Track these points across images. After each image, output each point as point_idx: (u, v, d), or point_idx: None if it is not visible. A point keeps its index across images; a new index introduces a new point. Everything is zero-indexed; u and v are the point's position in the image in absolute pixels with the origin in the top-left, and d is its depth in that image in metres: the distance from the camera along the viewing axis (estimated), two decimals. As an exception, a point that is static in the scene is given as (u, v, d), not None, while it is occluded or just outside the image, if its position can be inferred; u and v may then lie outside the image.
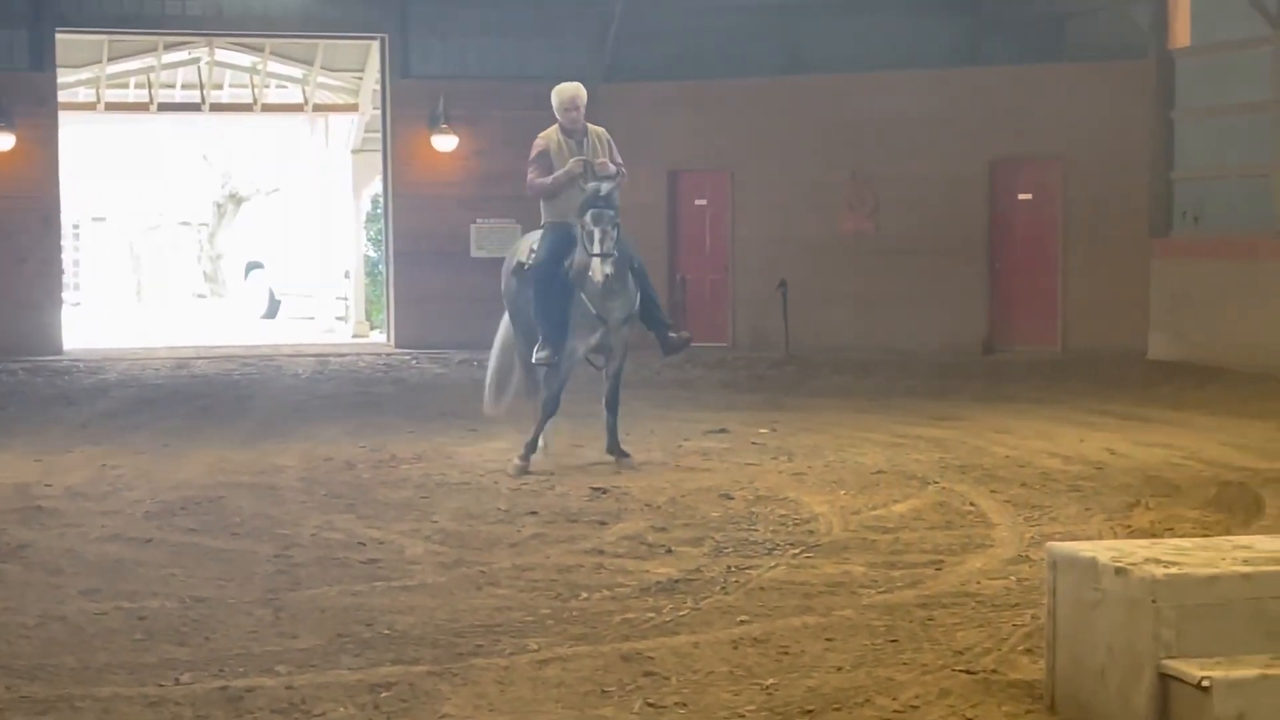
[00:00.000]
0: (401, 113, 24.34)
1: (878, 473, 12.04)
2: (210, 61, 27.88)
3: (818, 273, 23.29)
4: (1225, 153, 21.29)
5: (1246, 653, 5.33)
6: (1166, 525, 9.88)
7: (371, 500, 10.94)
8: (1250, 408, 16.13)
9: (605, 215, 11.90)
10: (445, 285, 24.09)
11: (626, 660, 6.78)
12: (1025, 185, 23.07)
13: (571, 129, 12.63)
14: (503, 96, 24.29)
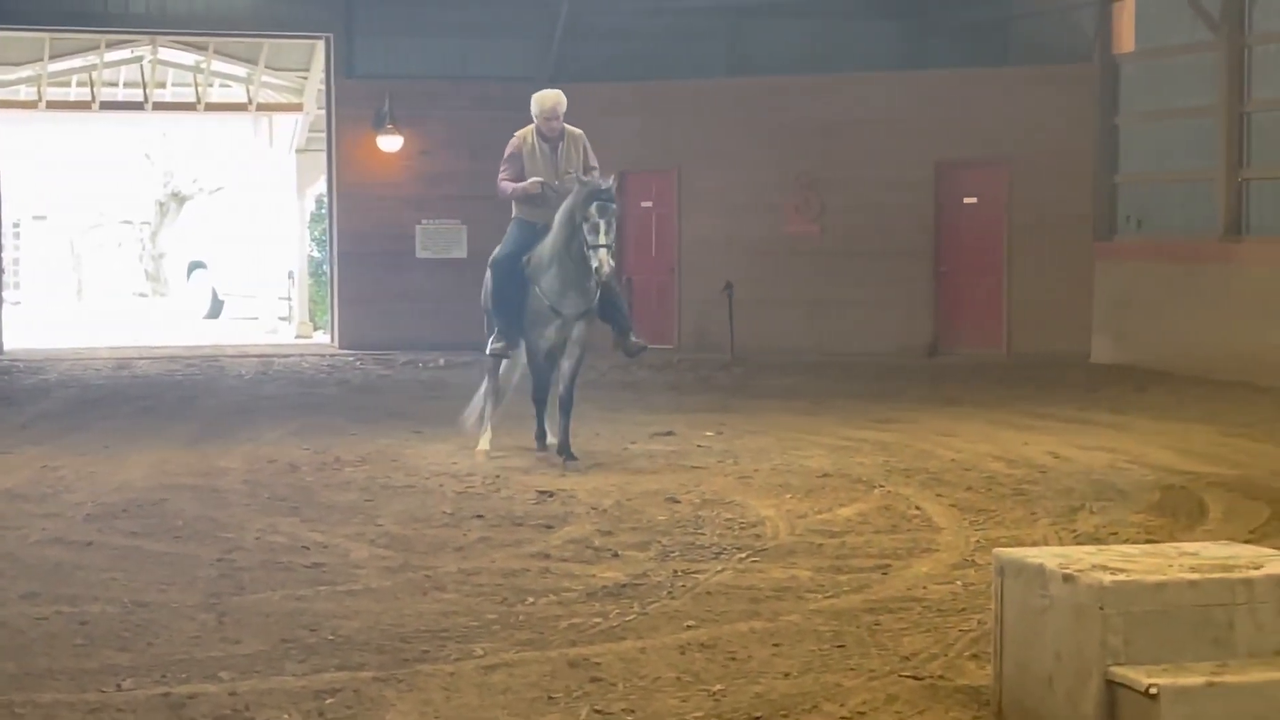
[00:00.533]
0: (346, 112, 24.24)
1: (823, 476, 12.04)
2: (153, 60, 27.69)
3: (764, 275, 23.33)
4: (1168, 157, 21.43)
5: (1193, 660, 5.34)
6: (1111, 530, 9.92)
7: (315, 503, 10.87)
8: (1192, 411, 16.23)
9: (608, 209, 12.02)
10: (390, 286, 24.03)
11: (573, 666, 6.74)
12: (970, 189, 23.16)
13: (548, 134, 12.59)
14: (448, 97, 24.27)
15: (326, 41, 24.60)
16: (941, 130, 22.85)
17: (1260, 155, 19.91)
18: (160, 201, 40.71)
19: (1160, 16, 21.29)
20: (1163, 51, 21.38)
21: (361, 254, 24.24)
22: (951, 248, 23.20)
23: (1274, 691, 5.20)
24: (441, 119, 24.25)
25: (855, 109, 23.28)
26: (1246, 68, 19.99)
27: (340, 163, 24.36)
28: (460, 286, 24.17)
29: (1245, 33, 19.95)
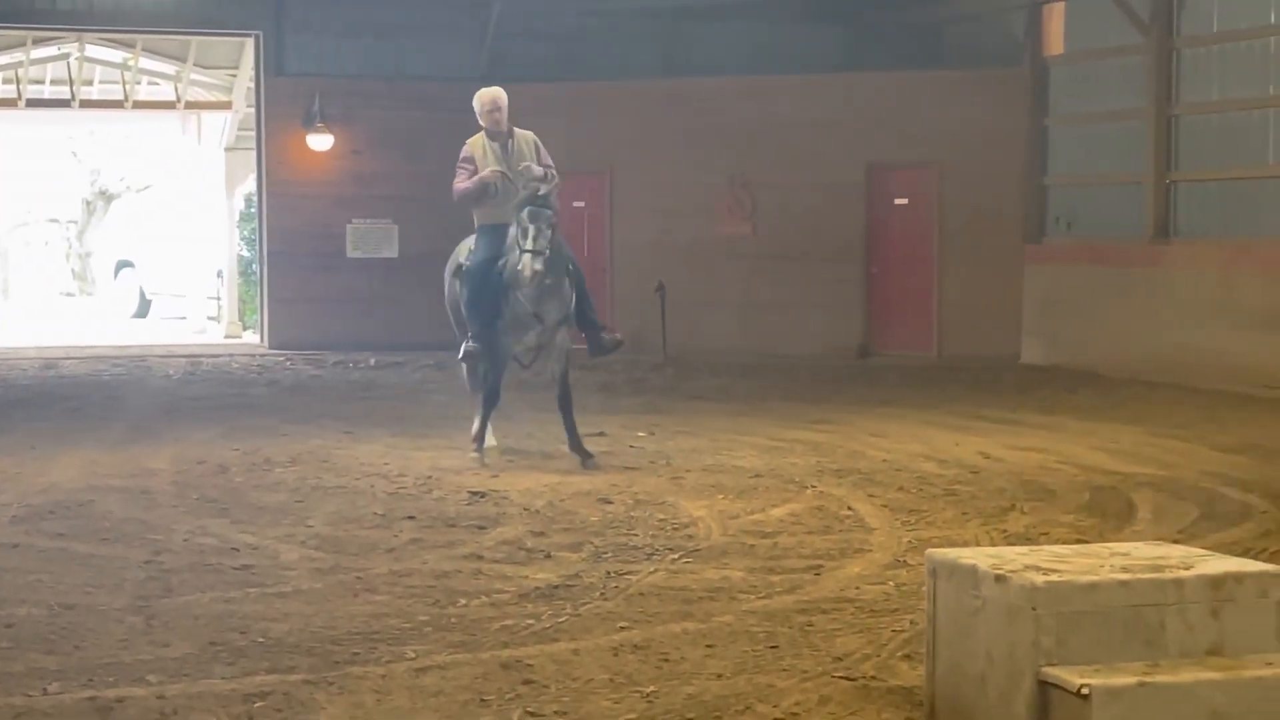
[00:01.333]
0: (276, 111, 24.09)
1: (756, 477, 12.05)
2: (80, 57, 27.41)
3: (696, 276, 23.36)
4: (1098, 159, 21.60)
5: (1125, 660, 5.36)
6: (1041, 530, 9.97)
7: (245, 504, 10.79)
8: (1121, 412, 16.36)
9: (542, 214, 12.03)
10: (320, 286, 23.91)
11: (505, 668, 6.71)
12: (902, 191, 23.26)
13: (496, 132, 12.69)
14: (380, 96, 24.18)
15: (256, 39, 24.42)
16: (873, 132, 22.94)
17: (1188, 158, 20.10)
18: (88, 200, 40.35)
19: (1090, 20, 21.46)
20: (1092, 54, 21.55)
21: (291, 253, 24.09)
22: (883, 249, 23.29)
23: (1205, 692, 5.24)
24: (373, 118, 24.15)
25: (788, 111, 23.33)
26: (1175, 71, 20.18)
27: (270, 161, 24.20)
28: (391, 286, 24.14)
29: (1173, 36, 20.13)
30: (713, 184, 23.62)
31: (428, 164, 24.18)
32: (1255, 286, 18.68)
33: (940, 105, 22.70)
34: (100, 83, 28.72)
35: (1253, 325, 18.57)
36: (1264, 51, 18.97)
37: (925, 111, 22.77)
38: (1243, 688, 5.27)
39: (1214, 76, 19.70)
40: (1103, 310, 20.81)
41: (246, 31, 24.62)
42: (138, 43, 26.61)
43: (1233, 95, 19.40)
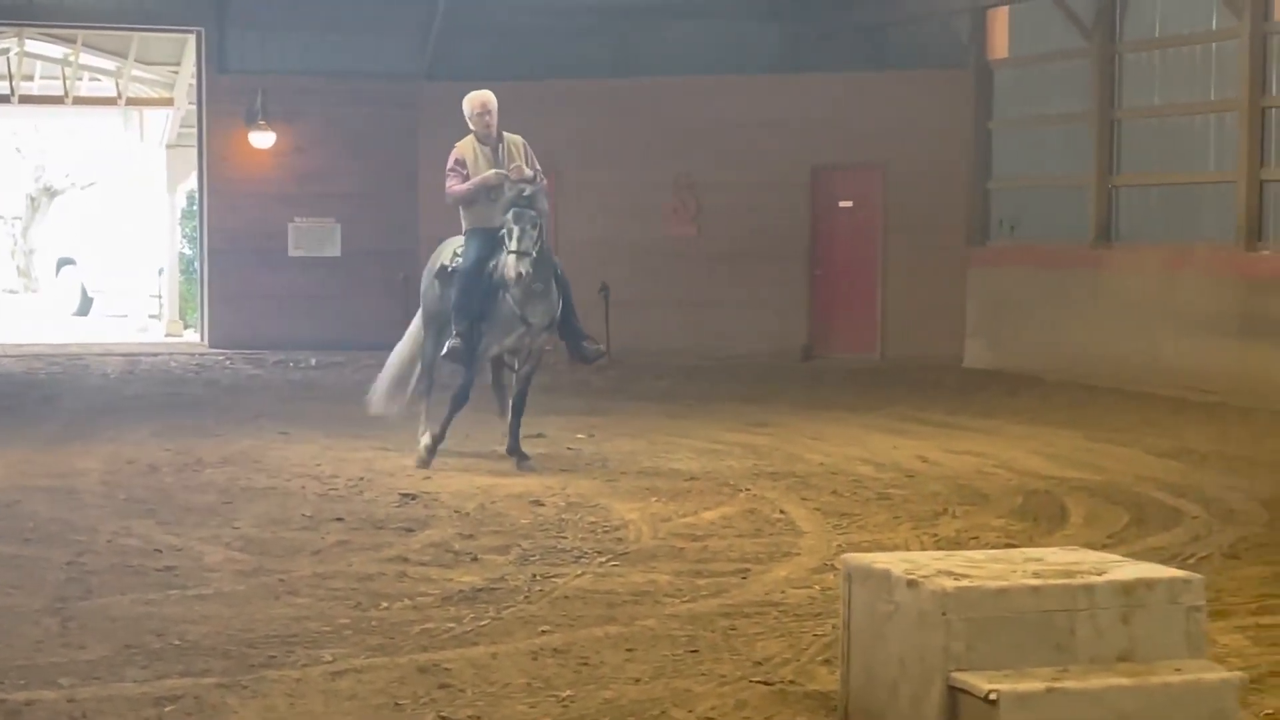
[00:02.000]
0: (218, 108, 23.98)
1: (691, 479, 12.05)
2: (20, 52, 27.23)
3: (641, 277, 23.32)
4: (1042, 163, 21.69)
5: (1035, 665, 5.37)
6: (972, 534, 10.00)
7: (173, 505, 10.73)
8: (1060, 416, 16.43)
9: (526, 215, 12.04)
10: (261, 284, 23.81)
11: (423, 672, 6.69)
12: (846, 192, 23.31)
13: (485, 136, 12.65)
14: (323, 93, 24.09)
15: (198, 35, 24.30)
16: (818, 134, 22.98)
17: (1130, 162, 20.20)
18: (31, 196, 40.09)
19: (1034, 23, 21.55)
20: (1036, 58, 21.65)
21: (233, 251, 23.98)
22: (827, 251, 23.34)
23: (1113, 698, 5.26)
24: (316, 116, 24.06)
25: (734, 111, 23.35)
26: (1117, 75, 20.28)
27: (211, 159, 24.09)
28: (334, 285, 24.05)
29: (1116, 40, 20.23)
30: (658, 185, 23.62)
31: (371, 162, 24.17)
32: (1195, 291, 18.79)
33: (885, 107, 22.77)
34: (41, 78, 28.54)
35: (1192, 330, 18.68)
36: (1205, 56, 19.08)
37: (870, 113, 22.82)
38: (1151, 694, 5.30)
39: (1156, 81, 19.81)
40: (1045, 314, 20.90)
41: (188, 28, 24.50)
42: (78, 38, 26.42)
43: (1175, 100, 19.50)
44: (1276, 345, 17.58)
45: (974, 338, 22.23)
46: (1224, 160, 18.75)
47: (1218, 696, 5.36)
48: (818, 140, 22.99)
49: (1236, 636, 7.38)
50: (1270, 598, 8.26)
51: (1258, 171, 18.18)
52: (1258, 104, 18.11)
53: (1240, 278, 18.27)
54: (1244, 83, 18.18)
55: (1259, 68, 18.08)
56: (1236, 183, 18.38)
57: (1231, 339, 18.19)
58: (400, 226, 24.29)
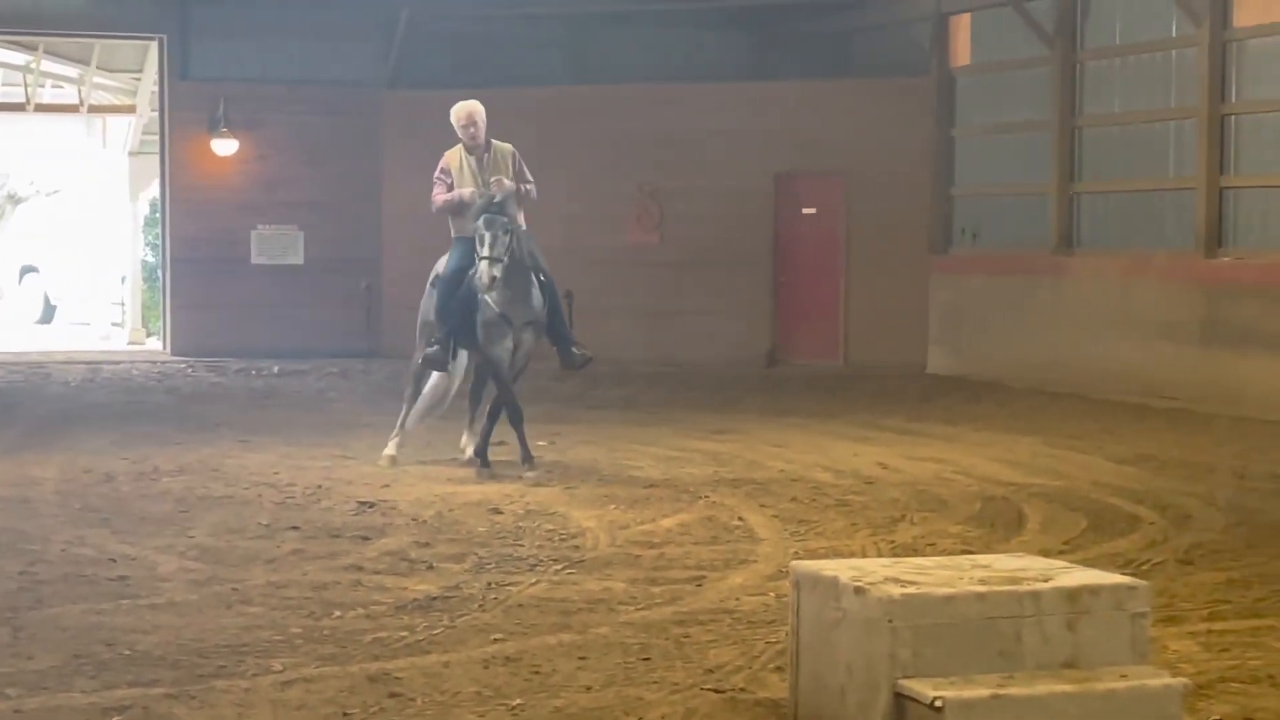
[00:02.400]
0: (180, 115, 23.91)
1: (650, 486, 12.05)
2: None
3: (604, 284, 23.30)
4: (1003, 170, 21.75)
5: (981, 672, 5.38)
6: (929, 541, 10.01)
7: (128, 514, 10.67)
8: (1020, 423, 16.47)
9: (496, 221, 12.09)
10: (224, 292, 23.76)
11: (373, 681, 6.66)
12: (809, 200, 23.35)
13: (473, 146, 12.70)
14: (285, 101, 24.05)
15: (160, 43, 24.22)
16: (781, 141, 23.02)
17: (1091, 170, 20.28)
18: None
19: (995, 31, 21.63)
20: (997, 66, 21.71)
21: (195, 259, 23.92)
22: (790, 258, 23.38)
23: (1058, 704, 5.27)
24: (278, 123, 24.03)
25: (696, 119, 23.37)
26: (1078, 83, 20.35)
27: (174, 166, 24.03)
28: (296, 293, 24.01)
29: (1077, 48, 20.31)
30: (620, 192, 23.62)
31: (333, 170, 24.14)
32: (1155, 297, 18.88)
33: (847, 115, 22.81)
34: (2, 85, 28.44)
35: (1152, 336, 18.76)
36: (1165, 64, 19.18)
37: (832, 121, 22.87)
38: (1096, 700, 5.31)
39: (1117, 88, 19.89)
40: (1006, 320, 20.96)
41: (150, 35, 24.42)
42: (40, 45, 26.33)
43: (1135, 107, 19.59)
44: (1236, 352, 17.67)
45: (936, 344, 22.28)
46: (1184, 167, 18.84)
47: (1162, 703, 5.38)
48: (780, 148, 23.03)
49: (1188, 642, 7.40)
50: (1223, 604, 8.29)
51: (1217, 178, 18.28)
52: (1217, 111, 18.21)
53: (1200, 284, 18.36)
54: (1203, 90, 18.28)
55: (1218, 75, 18.18)
56: (1196, 189, 18.47)
57: (1192, 345, 18.28)
58: (363, 234, 24.29)
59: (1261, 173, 17.91)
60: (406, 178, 24.34)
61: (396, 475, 12.48)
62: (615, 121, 23.66)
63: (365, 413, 17.13)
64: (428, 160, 25.02)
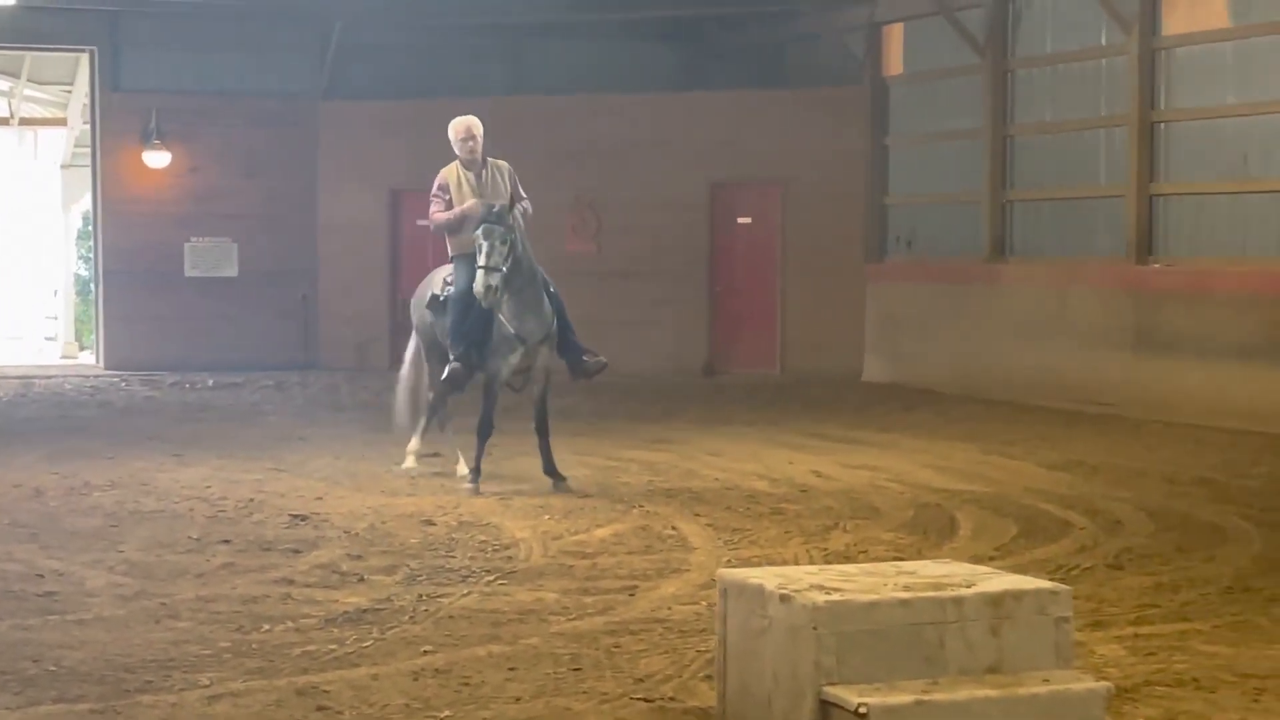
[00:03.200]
0: (112, 127, 23.78)
1: (585, 497, 12.06)
2: (-90, 72, 26.92)
3: (541, 294, 23.29)
4: (937, 179, 21.87)
5: (905, 678, 5.41)
6: (861, 548, 10.05)
7: (57, 529, 10.59)
8: (955, 430, 16.56)
9: (495, 231, 12.00)
10: (158, 305, 23.63)
11: (301, 694, 6.64)
12: (745, 209, 23.42)
13: (470, 161, 12.64)
14: (219, 112, 23.95)
15: (91, 55, 24.07)
16: (716, 151, 23.08)
17: (1023, 177, 20.42)
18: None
19: (928, 40, 21.75)
20: (930, 74, 21.84)
21: (128, 272, 23.78)
22: (726, 268, 23.43)
23: (981, 709, 5.30)
24: (212, 135, 23.92)
25: (632, 130, 23.40)
26: (1010, 91, 20.49)
27: (106, 179, 23.88)
28: (231, 306, 23.90)
29: (1008, 57, 20.45)
30: (558, 202, 23.54)
31: (268, 181, 24.05)
32: (1087, 304, 19.01)
33: (782, 124, 22.90)
34: (-68, 98, 28.23)
35: (1085, 343, 18.90)
36: (1096, 72, 19.33)
37: (768, 131, 22.95)
38: (1019, 705, 5.35)
39: (1048, 97, 20.04)
40: (942, 328, 21.07)
41: (81, 47, 24.27)
42: (-32, 58, 26.16)
43: (1066, 115, 19.73)
44: (1168, 358, 17.82)
45: (872, 353, 22.37)
46: (1114, 174, 18.99)
47: (1085, 707, 5.42)
48: (716, 158, 23.09)
49: (1114, 646, 7.46)
50: (1150, 608, 8.35)
51: (1147, 186, 18.44)
52: (1147, 118, 18.37)
53: (1131, 291, 18.51)
54: (1133, 98, 18.43)
55: (1148, 83, 18.34)
56: (1126, 197, 18.62)
57: (1124, 352, 18.43)
58: (298, 246, 24.20)
59: (1191, 179, 18.08)
60: (342, 188, 24.33)
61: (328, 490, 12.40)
62: (551, 132, 23.65)
63: (300, 425, 17.07)
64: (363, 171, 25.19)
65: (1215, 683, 6.81)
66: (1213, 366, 17.20)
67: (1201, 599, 8.57)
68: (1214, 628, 7.89)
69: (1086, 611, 8.06)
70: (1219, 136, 17.72)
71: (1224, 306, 17.24)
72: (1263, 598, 8.61)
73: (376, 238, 24.37)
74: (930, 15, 21.21)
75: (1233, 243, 17.61)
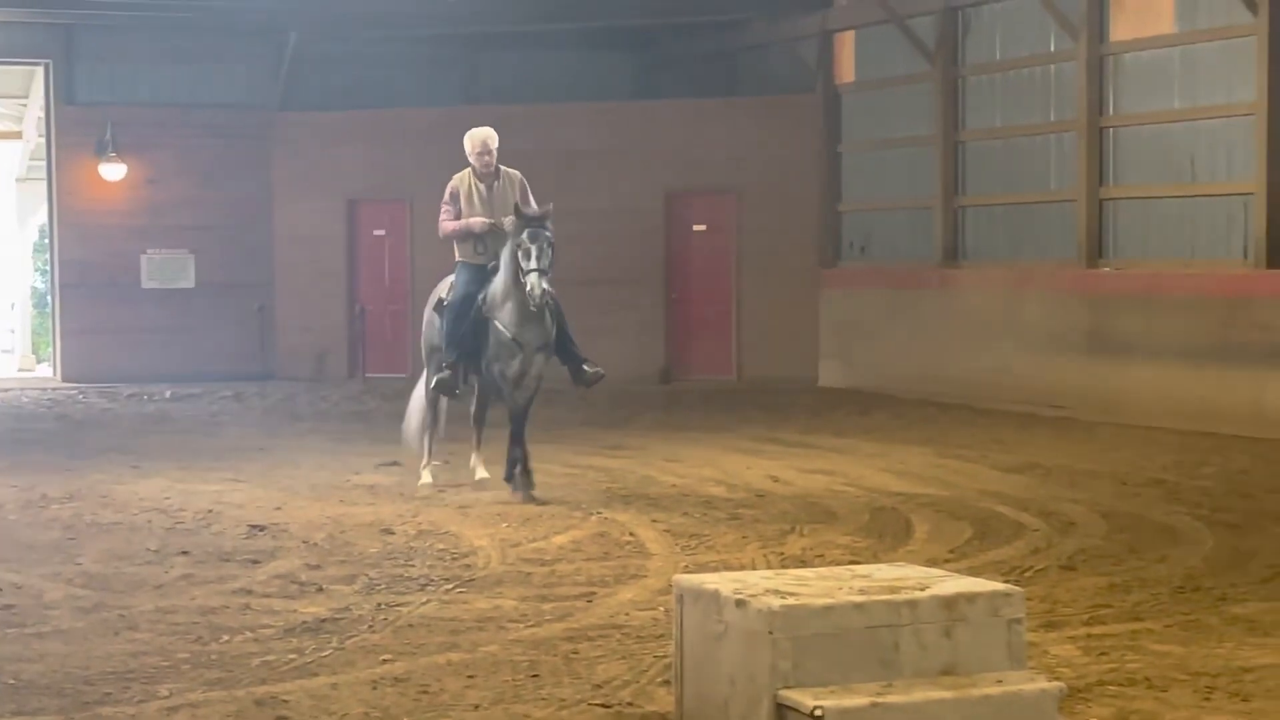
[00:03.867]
0: (67, 140, 23.70)
1: (543, 504, 12.04)
2: None
3: (497, 303, 23.27)
4: (890, 185, 21.94)
5: (861, 680, 5.42)
6: (818, 552, 10.06)
7: (14, 542, 10.51)
8: (911, 433, 16.61)
9: (541, 235, 12.10)
10: (115, 317, 23.54)
11: (260, 704, 6.61)
12: (700, 217, 23.46)
13: (484, 172, 12.58)
14: (175, 124, 23.89)
15: (45, 68, 23.98)
16: (671, 160, 23.10)
17: (974, 183, 20.51)
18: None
19: (879, 48, 21.83)
20: (882, 82, 21.90)
21: (85, 284, 23.69)
22: (682, 275, 23.46)
23: (935, 710, 5.32)
24: (168, 147, 23.83)
25: (587, 138, 23.40)
26: (960, 97, 20.58)
27: (61, 192, 23.78)
28: (188, 317, 23.81)
29: (958, 64, 20.54)
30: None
31: (224, 193, 23.98)
32: (1039, 308, 19.10)
33: (736, 133, 22.95)
34: (-115, 113, 28.04)
35: (1038, 346, 18.98)
36: (1044, 78, 19.43)
37: (722, 139, 23.00)
38: (973, 706, 5.37)
39: (998, 103, 20.13)
40: (896, 333, 21.14)
41: (35, 60, 24.17)
42: (-78, 71, 25.99)
43: (1015, 121, 19.83)
44: (1119, 360, 17.92)
45: (828, 358, 22.42)
46: (1064, 179, 19.10)
47: (1037, 707, 5.44)
48: (671, 166, 23.12)
49: (1068, 646, 7.49)
50: (1103, 608, 8.39)
51: (1097, 190, 18.54)
52: (1095, 124, 18.48)
53: (1082, 294, 18.60)
54: (1082, 103, 18.54)
55: (1096, 89, 18.45)
56: (1076, 201, 18.72)
57: (1077, 354, 18.51)
58: (255, 257, 24.14)
59: (1139, 184, 18.18)
60: (298, 199, 24.26)
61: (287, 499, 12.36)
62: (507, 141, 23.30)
63: (258, 436, 17.01)
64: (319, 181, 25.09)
65: (1167, 681, 6.85)
66: (1163, 368, 17.31)
67: (1153, 599, 8.62)
68: (1166, 627, 7.94)
69: (1040, 612, 8.10)
70: (1166, 141, 17.84)
71: (1173, 309, 17.34)
72: (1213, 597, 8.66)
73: (334, 248, 24.31)
74: (881, 23, 21.29)
75: (1181, 245, 17.72)
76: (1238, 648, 7.48)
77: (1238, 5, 16.64)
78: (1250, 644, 7.56)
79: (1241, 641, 7.61)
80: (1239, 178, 16.99)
